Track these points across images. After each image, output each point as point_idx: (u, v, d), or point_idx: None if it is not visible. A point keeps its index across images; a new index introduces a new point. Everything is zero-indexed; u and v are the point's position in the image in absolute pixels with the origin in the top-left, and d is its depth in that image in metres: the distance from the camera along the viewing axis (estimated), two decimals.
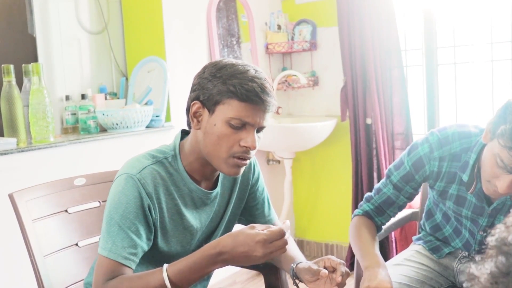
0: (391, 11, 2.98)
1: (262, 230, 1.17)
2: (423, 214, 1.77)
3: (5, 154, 2.02)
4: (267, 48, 3.37)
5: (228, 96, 1.23)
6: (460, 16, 3.00)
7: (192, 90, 1.31)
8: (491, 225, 1.55)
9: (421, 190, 1.67)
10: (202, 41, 2.95)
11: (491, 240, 0.77)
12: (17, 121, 2.12)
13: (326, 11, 3.33)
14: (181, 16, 2.82)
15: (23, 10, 2.48)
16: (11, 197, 1.46)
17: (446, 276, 1.70)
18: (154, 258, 1.35)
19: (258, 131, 1.29)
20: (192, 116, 1.30)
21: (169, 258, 1.32)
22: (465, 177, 1.49)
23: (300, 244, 3.65)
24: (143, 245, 1.27)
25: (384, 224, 1.65)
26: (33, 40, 2.49)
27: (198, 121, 1.29)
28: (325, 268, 1.29)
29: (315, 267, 1.30)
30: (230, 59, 1.31)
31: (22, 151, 2.07)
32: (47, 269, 1.45)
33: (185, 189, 1.33)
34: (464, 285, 1.41)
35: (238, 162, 1.27)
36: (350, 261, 3.24)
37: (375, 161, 3.13)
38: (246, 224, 1.52)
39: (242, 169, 1.32)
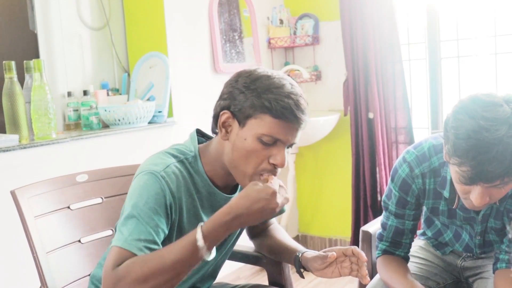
0: (391, 6, 2.96)
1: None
2: (423, 221, 1.74)
3: (7, 150, 2.02)
4: (269, 42, 3.36)
5: (262, 111, 1.19)
6: (463, 9, 2.98)
7: (222, 98, 1.26)
8: (485, 229, 1.54)
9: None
10: (204, 36, 2.93)
11: None
12: (19, 118, 2.11)
13: (328, 5, 3.31)
14: (182, 11, 2.81)
15: (24, 6, 2.48)
16: (13, 194, 1.45)
17: (451, 271, 1.69)
18: None
19: (287, 147, 1.24)
20: (220, 125, 1.25)
21: None
22: (446, 193, 1.46)
23: (304, 239, 3.64)
24: (159, 243, 1.20)
25: (407, 254, 1.62)
26: (34, 37, 2.49)
27: (227, 132, 1.24)
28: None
29: (323, 254, 1.32)
30: (265, 69, 1.25)
31: (24, 147, 2.07)
32: (49, 265, 1.45)
33: (204, 192, 1.29)
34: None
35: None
36: None
37: (377, 155, 3.12)
38: None
39: None
